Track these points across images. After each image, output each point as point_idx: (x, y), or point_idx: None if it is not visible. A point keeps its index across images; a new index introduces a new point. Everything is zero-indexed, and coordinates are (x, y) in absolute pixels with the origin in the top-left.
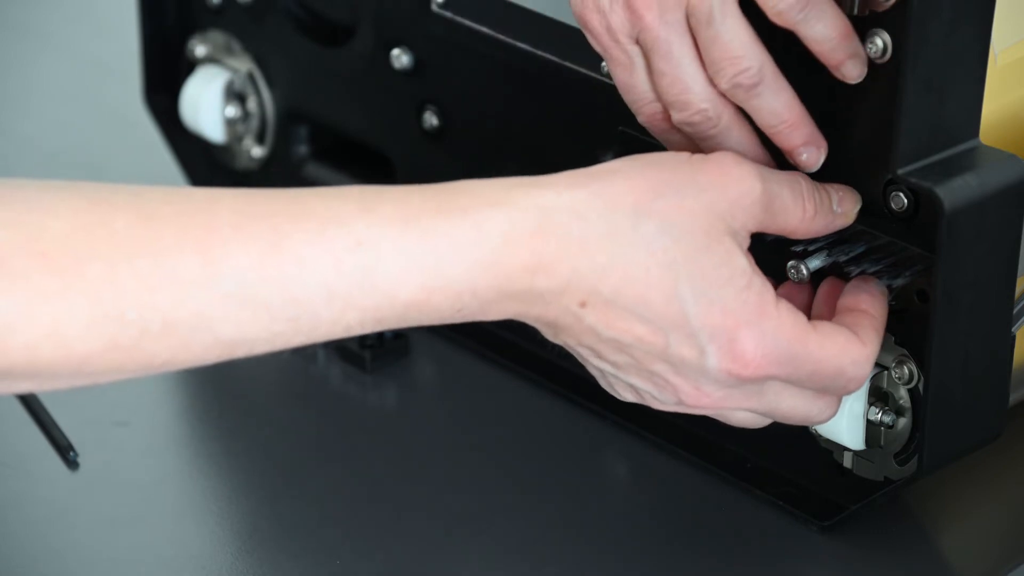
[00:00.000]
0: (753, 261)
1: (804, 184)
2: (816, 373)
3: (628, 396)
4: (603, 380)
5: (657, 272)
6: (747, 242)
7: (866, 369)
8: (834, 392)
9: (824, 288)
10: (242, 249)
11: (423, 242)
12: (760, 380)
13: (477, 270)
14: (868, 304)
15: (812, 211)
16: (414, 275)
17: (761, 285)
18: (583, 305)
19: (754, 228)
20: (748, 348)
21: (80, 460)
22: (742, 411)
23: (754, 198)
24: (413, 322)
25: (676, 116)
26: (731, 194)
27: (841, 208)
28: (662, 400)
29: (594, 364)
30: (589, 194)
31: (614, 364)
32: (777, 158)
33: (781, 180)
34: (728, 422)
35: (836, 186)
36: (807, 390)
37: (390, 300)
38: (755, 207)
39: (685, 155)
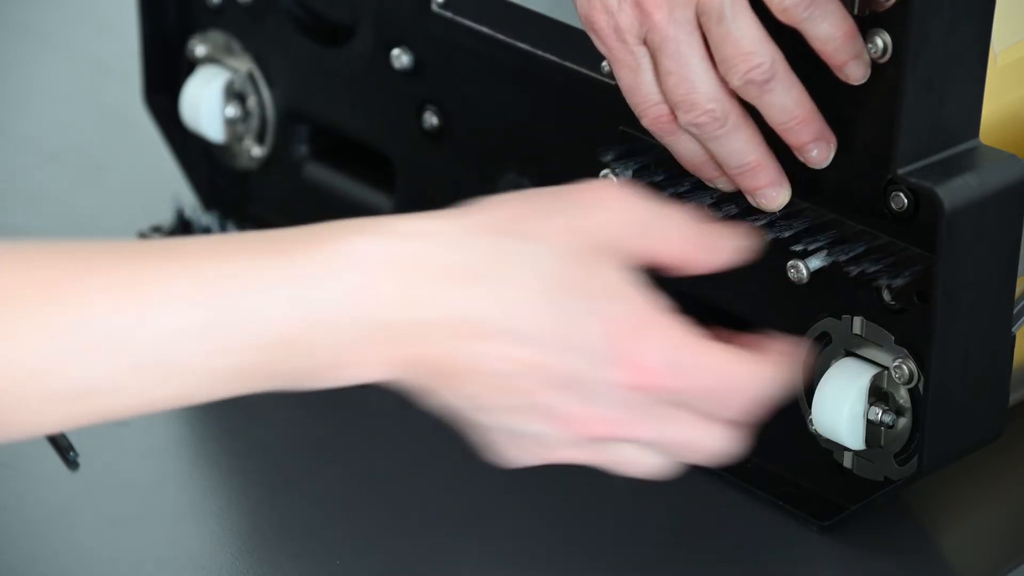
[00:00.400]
0: (640, 283)
1: (689, 218)
2: (714, 388)
3: (526, 456)
4: (498, 445)
5: (526, 291)
6: (627, 264)
7: (765, 387)
8: (730, 412)
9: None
10: (98, 294)
11: (291, 274)
12: (656, 391)
13: (349, 301)
14: (776, 347)
15: (695, 244)
16: (284, 308)
17: (646, 299)
18: (457, 336)
19: (631, 251)
20: (642, 353)
21: (80, 460)
22: (640, 449)
23: (626, 219)
24: (293, 373)
25: (683, 117)
26: (600, 215)
27: (730, 243)
28: (561, 440)
29: (483, 422)
30: (454, 225)
31: (503, 410)
32: (782, 158)
33: (661, 209)
34: (626, 471)
35: (725, 226)
36: (702, 415)
37: (259, 338)
38: (627, 228)
39: (560, 187)
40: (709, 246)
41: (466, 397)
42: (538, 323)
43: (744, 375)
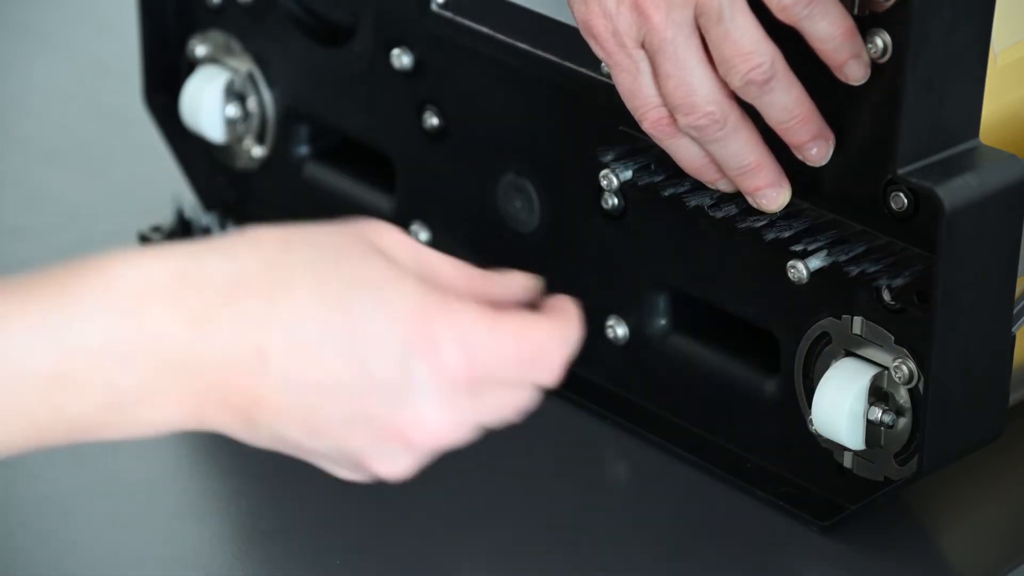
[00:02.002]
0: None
1: (473, 271)
2: (517, 360)
3: (356, 474)
4: (335, 470)
5: (327, 293)
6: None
7: (565, 344)
8: (539, 376)
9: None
10: None
11: (53, 305)
12: (474, 377)
13: (118, 330)
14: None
15: (473, 276)
16: (46, 341)
17: (431, 288)
18: (261, 352)
19: (412, 263)
20: (447, 340)
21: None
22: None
23: (407, 244)
24: (78, 419)
25: (683, 120)
26: (383, 236)
27: (513, 283)
28: (395, 458)
29: (309, 451)
30: (238, 238)
31: (330, 435)
32: (782, 158)
33: (442, 256)
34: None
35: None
36: (514, 386)
37: (30, 378)
38: (408, 251)
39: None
40: (490, 282)
41: (286, 427)
42: (344, 326)
43: (542, 339)
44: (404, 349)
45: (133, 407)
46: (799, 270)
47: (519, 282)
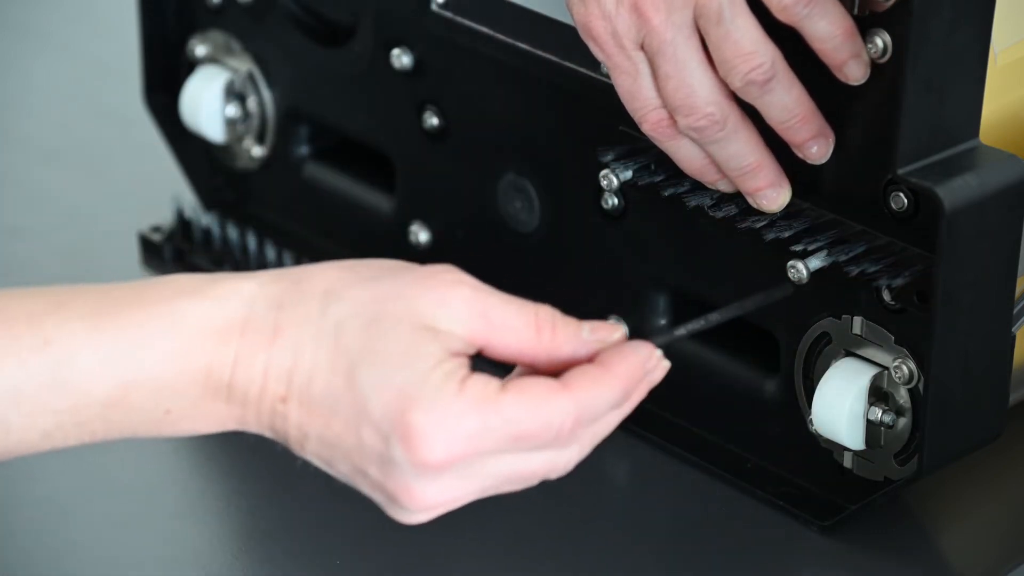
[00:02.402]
0: (465, 363)
1: (540, 309)
2: (523, 436)
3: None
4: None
5: (342, 360)
6: (458, 347)
7: (572, 415)
8: (561, 444)
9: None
10: None
11: (115, 334)
12: (458, 463)
13: (172, 362)
14: (588, 352)
15: (549, 335)
16: (107, 369)
17: (455, 367)
18: (284, 401)
19: (469, 336)
20: (423, 431)
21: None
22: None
23: (463, 299)
24: (122, 427)
25: (682, 121)
26: (434, 294)
27: (594, 336)
28: (398, 511)
29: (337, 474)
30: (289, 283)
31: (345, 473)
32: (782, 158)
33: (505, 298)
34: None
35: (594, 323)
36: (534, 452)
37: (85, 399)
38: (464, 310)
39: (403, 262)
40: (571, 338)
41: (313, 455)
42: (349, 396)
43: (544, 412)
44: (388, 431)
45: (180, 422)
46: (799, 270)
47: (599, 335)
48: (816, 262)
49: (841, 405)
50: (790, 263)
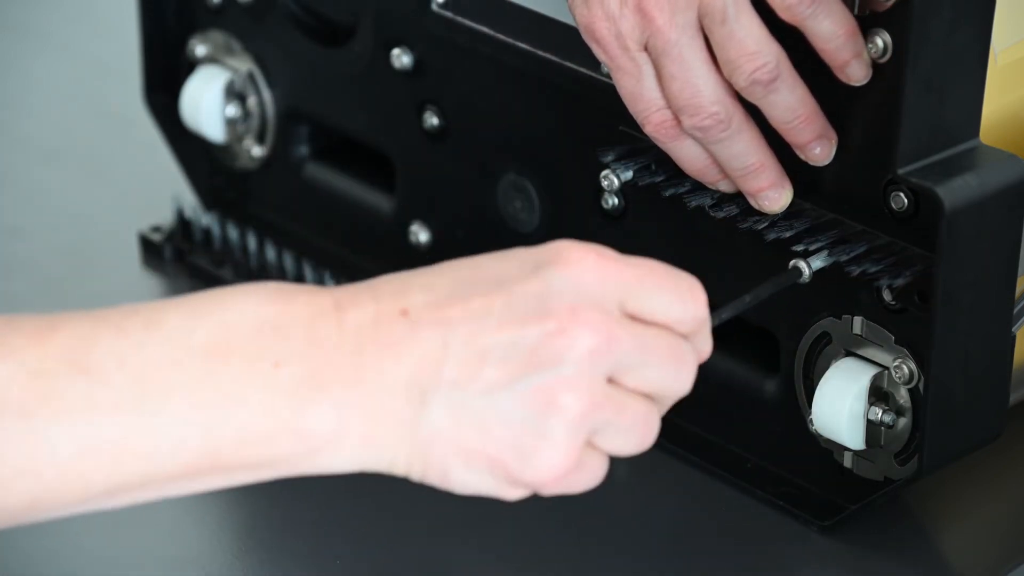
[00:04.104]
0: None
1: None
2: (655, 272)
3: (554, 461)
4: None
5: (453, 264)
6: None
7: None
8: (687, 321)
9: None
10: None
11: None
12: (609, 276)
13: (270, 327)
14: None
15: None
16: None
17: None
18: (405, 313)
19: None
20: (571, 244)
21: None
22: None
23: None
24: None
25: (687, 121)
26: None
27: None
28: (564, 399)
29: (490, 373)
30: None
31: (490, 385)
32: (783, 158)
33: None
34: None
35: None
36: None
37: (191, 354)
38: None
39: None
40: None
41: (448, 393)
42: (477, 262)
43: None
44: (535, 262)
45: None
46: (801, 270)
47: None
48: (817, 262)
49: (841, 405)
50: (792, 262)
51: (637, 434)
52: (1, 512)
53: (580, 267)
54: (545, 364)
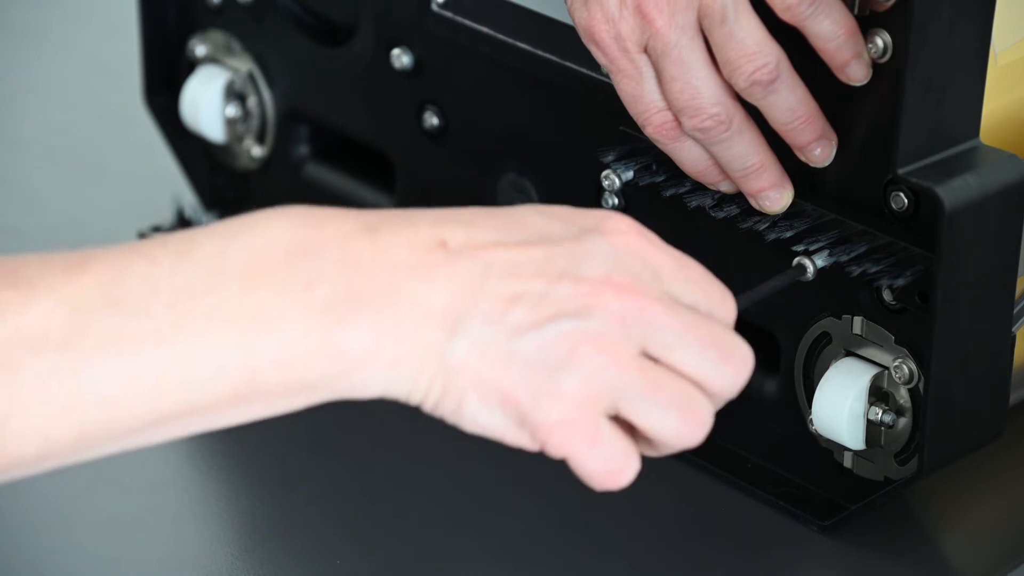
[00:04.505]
0: None
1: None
2: (688, 263)
3: (592, 364)
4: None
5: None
6: None
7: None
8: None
9: None
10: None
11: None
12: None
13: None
14: None
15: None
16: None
17: None
18: (443, 245)
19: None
20: (620, 216)
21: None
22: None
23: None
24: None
25: (688, 123)
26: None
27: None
28: (584, 349)
29: (516, 325)
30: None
31: (518, 326)
32: (783, 158)
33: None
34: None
35: None
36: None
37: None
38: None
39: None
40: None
41: (487, 301)
42: (496, 229)
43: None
44: (581, 228)
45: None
46: (805, 268)
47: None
48: (818, 262)
49: (841, 405)
50: (796, 259)
51: (678, 416)
52: (52, 448)
53: (624, 238)
54: (574, 315)
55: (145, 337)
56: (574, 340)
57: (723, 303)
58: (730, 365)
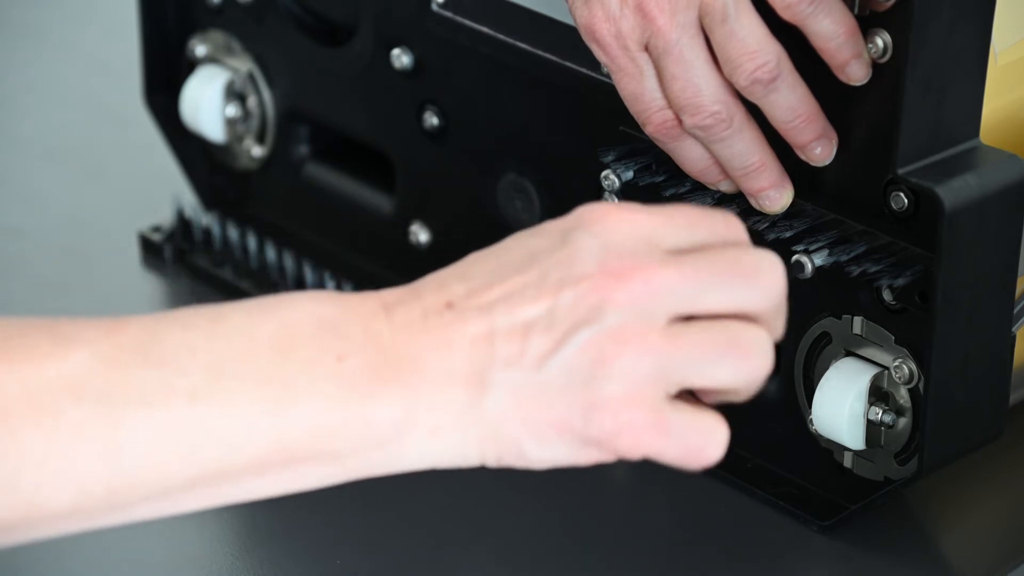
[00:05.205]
0: None
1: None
2: (687, 213)
3: (630, 359)
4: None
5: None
6: None
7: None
8: (735, 234)
9: None
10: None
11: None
12: (636, 215)
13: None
14: None
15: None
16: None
17: None
18: (450, 306)
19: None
20: (594, 205)
21: None
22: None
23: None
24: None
25: (689, 121)
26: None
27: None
28: (610, 350)
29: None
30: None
31: (541, 355)
32: (783, 158)
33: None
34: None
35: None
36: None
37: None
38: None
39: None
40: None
41: (506, 355)
42: (490, 262)
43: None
44: (563, 232)
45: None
46: (804, 266)
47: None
48: (817, 262)
49: (841, 405)
50: (795, 258)
51: (731, 360)
52: (84, 501)
53: (603, 223)
54: (587, 322)
55: (181, 394)
56: (597, 345)
57: (728, 227)
58: (760, 281)
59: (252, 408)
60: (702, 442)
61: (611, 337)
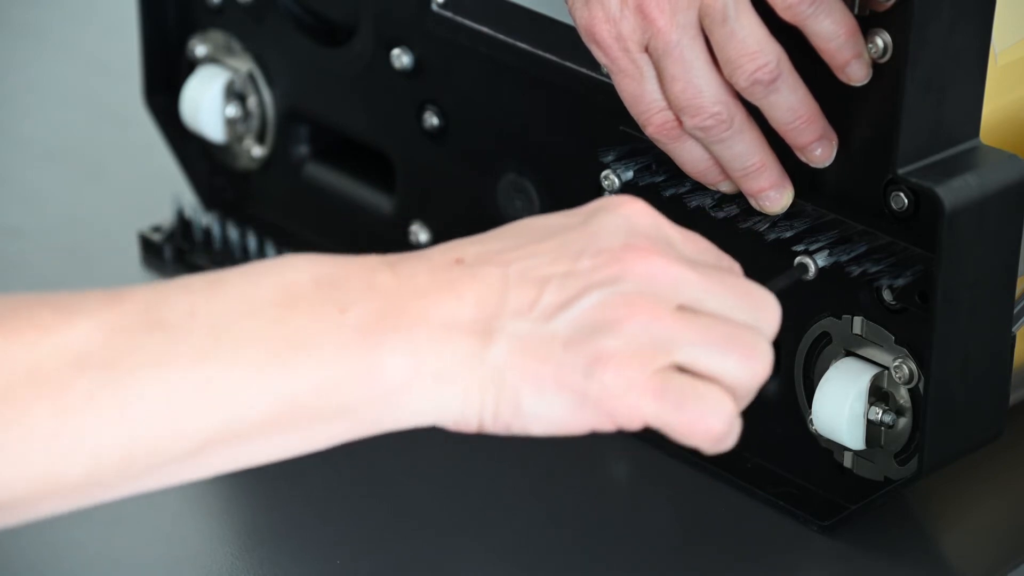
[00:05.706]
0: None
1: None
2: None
3: (625, 353)
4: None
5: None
6: None
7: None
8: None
9: None
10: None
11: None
12: (656, 217)
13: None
14: None
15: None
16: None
17: None
18: (459, 261)
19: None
20: (624, 196)
21: None
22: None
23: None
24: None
25: (689, 122)
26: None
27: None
28: (620, 311)
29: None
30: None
31: (551, 309)
32: (783, 158)
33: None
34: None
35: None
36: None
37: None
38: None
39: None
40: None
41: (516, 312)
42: (508, 235)
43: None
44: (587, 213)
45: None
46: (807, 267)
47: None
48: (818, 261)
49: (841, 405)
50: (798, 259)
51: (737, 355)
52: (99, 470)
53: (632, 210)
54: (603, 284)
55: (186, 355)
56: (609, 306)
57: (732, 267)
58: (763, 310)
59: (258, 365)
60: (705, 411)
61: (625, 301)
